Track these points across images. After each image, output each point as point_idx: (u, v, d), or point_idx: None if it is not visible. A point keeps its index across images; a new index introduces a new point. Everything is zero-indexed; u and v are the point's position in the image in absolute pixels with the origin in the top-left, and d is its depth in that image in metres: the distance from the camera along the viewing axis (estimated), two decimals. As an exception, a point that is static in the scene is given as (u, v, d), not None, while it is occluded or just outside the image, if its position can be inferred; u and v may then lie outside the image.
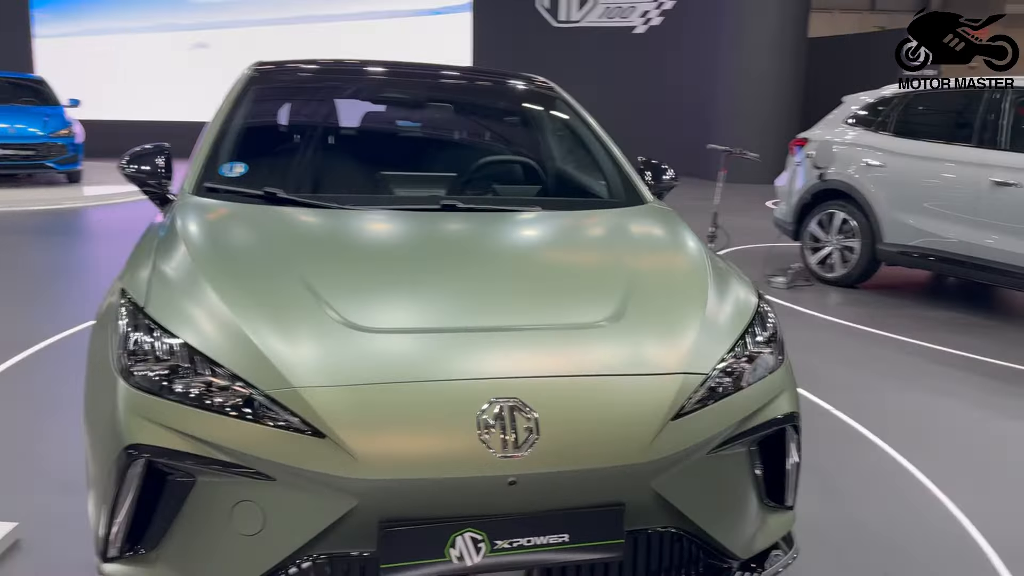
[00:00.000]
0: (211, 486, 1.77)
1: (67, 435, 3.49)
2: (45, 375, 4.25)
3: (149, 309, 1.97)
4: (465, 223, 2.67)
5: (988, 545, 2.86)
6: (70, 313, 5.27)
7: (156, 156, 2.90)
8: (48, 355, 4.53)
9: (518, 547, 1.80)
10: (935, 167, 6.25)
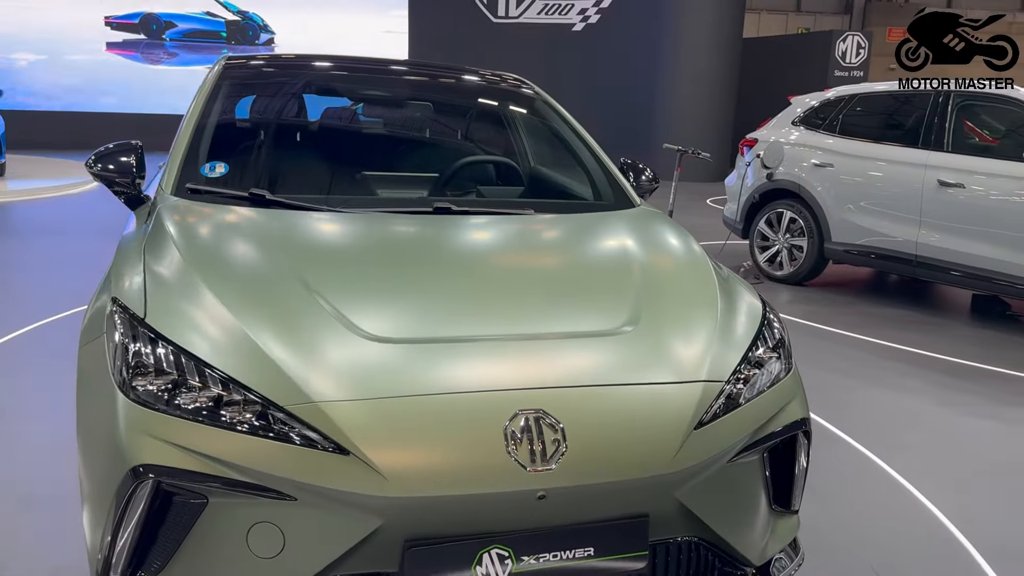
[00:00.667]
0: (225, 507, 1.68)
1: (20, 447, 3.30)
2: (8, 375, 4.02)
3: (149, 319, 1.85)
4: (464, 226, 2.60)
5: (964, 537, 2.94)
6: (11, 315, 5.00)
7: (126, 154, 2.74)
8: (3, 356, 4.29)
9: (544, 563, 1.75)
10: (881, 168, 6.42)
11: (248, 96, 3.37)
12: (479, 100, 3.79)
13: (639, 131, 15.94)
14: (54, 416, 3.61)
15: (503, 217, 2.72)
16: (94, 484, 1.83)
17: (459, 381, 1.82)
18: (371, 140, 3.56)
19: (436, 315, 2.04)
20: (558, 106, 3.45)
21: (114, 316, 1.91)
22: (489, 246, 2.56)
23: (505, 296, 2.18)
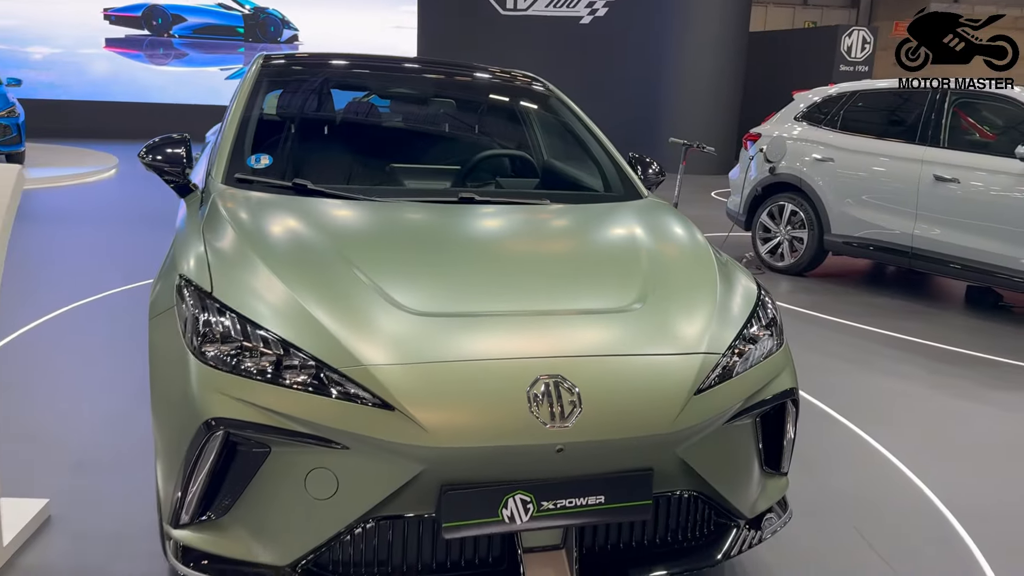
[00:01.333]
0: (286, 455, 1.93)
1: (62, 417, 3.57)
2: (36, 358, 4.28)
3: (216, 293, 2.11)
4: (485, 215, 2.85)
5: (942, 504, 3.20)
6: (46, 298, 5.27)
7: (175, 146, 2.99)
8: (33, 338, 4.55)
9: (561, 508, 2.01)
10: (880, 162, 6.66)
11: (285, 91, 3.62)
12: (497, 97, 4.04)
13: (646, 124, 16.16)
14: (94, 389, 3.88)
15: (522, 206, 2.97)
16: (168, 440, 2.08)
17: (488, 350, 2.07)
18: (399, 134, 3.81)
19: (466, 293, 2.30)
20: (571, 103, 3.70)
21: (183, 291, 2.17)
22: (510, 232, 2.81)
23: (527, 277, 2.43)
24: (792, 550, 2.79)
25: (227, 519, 2.00)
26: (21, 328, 4.68)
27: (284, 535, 1.97)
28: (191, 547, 2.02)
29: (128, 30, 18.09)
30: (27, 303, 5.14)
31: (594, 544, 2.16)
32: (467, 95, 4.03)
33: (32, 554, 2.55)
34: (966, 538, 2.97)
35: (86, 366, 4.19)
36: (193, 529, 2.02)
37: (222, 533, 2.01)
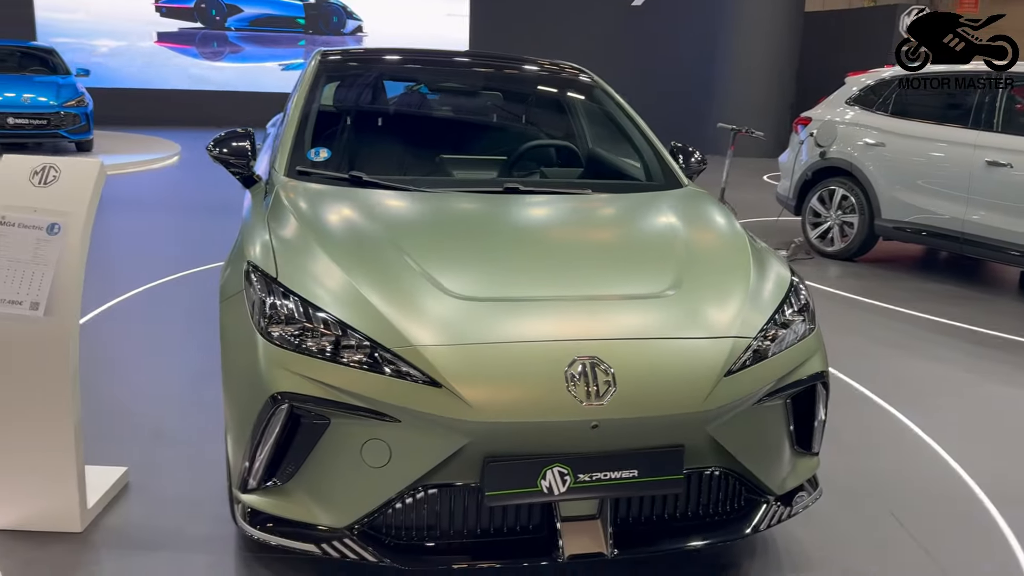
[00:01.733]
0: (344, 426, 2.12)
1: (143, 391, 3.83)
2: (112, 338, 4.57)
3: (281, 278, 2.30)
4: (528, 204, 3.00)
5: (979, 488, 3.26)
6: (119, 280, 5.57)
7: (240, 140, 3.19)
8: (109, 318, 4.85)
9: (596, 480, 2.16)
10: (931, 147, 6.61)
11: (341, 86, 3.81)
12: (543, 88, 4.18)
13: (699, 107, 16.08)
14: (165, 366, 4.15)
15: (564, 196, 3.11)
16: (237, 413, 2.28)
17: (528, 332, 2.23)
18: (448, 126, 3.97)
19: (509, 278, 2.45)
20: (614, 93, 3.82)
21: (251, 276, 2.37)
22: (553, 221, 2.96)
23: (567, 264, 2.58)
24: (826, 529, 2.90)
25: (291, 485, 2.20)
26: (98, 308, 4.98)
27: (342, 500, 2.15)
28: (258, 510, 2.23)
29: (181, 23, 17.91)
30: (102, 285, 5.46)
31: (628, 515, 2.31)
32: (514, 87, 4.17)
33: (113, 516, 2.79)
34: (1001, 523, 3.03)
35: (158, 345, 4.46)
36: (260, 494, 2.22)
37: (286, 498, 2.20)
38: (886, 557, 2.76)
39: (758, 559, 2.70)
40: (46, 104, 11.57)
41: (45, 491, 2.64)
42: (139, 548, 2.62)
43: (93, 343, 4.42)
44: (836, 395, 4.12)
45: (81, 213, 2.59)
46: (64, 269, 2.55)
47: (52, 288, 2.53)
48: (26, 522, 2.66)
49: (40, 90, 11.77)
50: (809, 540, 2.82)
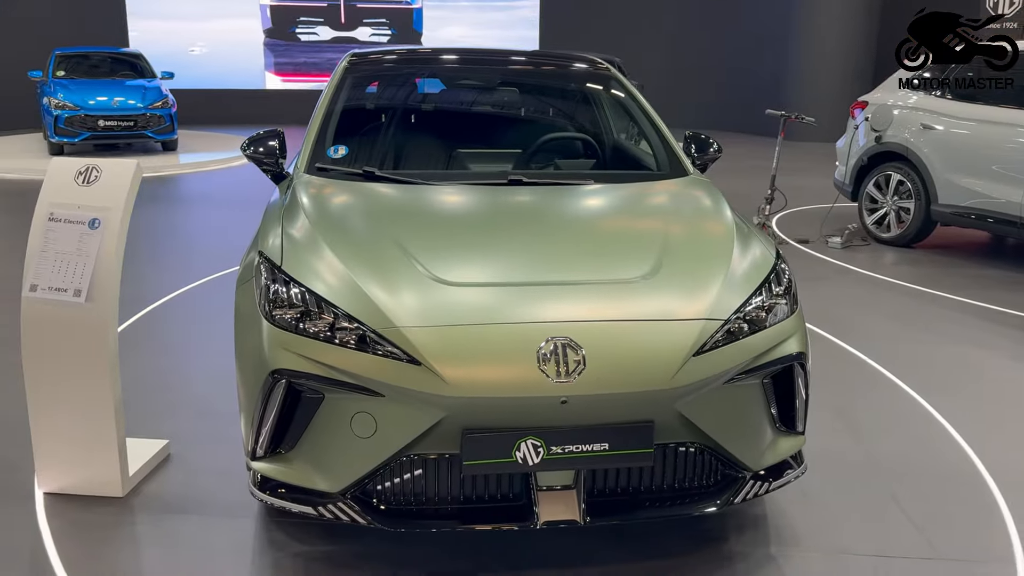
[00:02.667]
0: (335, 401, 2.33)
1: (194, 372, 4.15)
2: (172, 324, 4.93)
3: (284, 267, 2.53)
4: (528, 196, 3.16)
5: (988, 473, 3.26)
6: (185, 272, 5.97)
7: (271, 139, 3.44)
8: (169, 309, 5.22)
9: (568, 452, 2.31)
10: (988, 130, 6.45)
11: (367, 87, 4.04)
12: (562, 82, 4.32)
13: (772, 89, 15.81)
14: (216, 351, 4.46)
15: (564, 187, 3.26)
16: (246, 387, 2.52)
17: (504, 315, 2.39)
18: (468, 121, 4.15)
19: (493, 265, 2.63)
20: (630, 86, 3.93)
21: (260, 265, 2.60)
22: (547, 212, 3.10)
23: (552, 251, 2.73)
24: (820, 508, 2.97)
25: (293, 454, 2.42)
26: (170, 294, 5.38)
27: (336, 467, 2.37)
28: (267, 477, 2.46)
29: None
30: (175, 274, 5.86)
31: (605, 487, 2.45)
32: (532, 81, 4.32)
33: (153, 483, 3.08)
34: (1003, 508, 3.03)
35: (213, 332, 4.79)
36: (267, 461, 2.46)
37: (290, 465, 2.43)
38: (877, 536, 2.82)
39: (747, 533, 2.80)
40: (133, 107, 12.26)
41: (90, 459, 2.95)
42: (173, 512, 2.90)
43: (159, 327, 4.79)
44: (858, 380, 4.17)
45: (119, 209, 2.87)
46: (103, 260, 2.84)
47: (93, 277, 2.83)
48: (73, 487, 2.97)
49: (128, 93, 12.48)
50: (801, 517, 2.91)
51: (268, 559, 2.64)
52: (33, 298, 2.85)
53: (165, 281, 5.73)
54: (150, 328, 4.84)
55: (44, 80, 12.88)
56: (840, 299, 5.64)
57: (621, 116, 4.00)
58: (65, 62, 13.29)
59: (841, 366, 4.36)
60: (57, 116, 11.80)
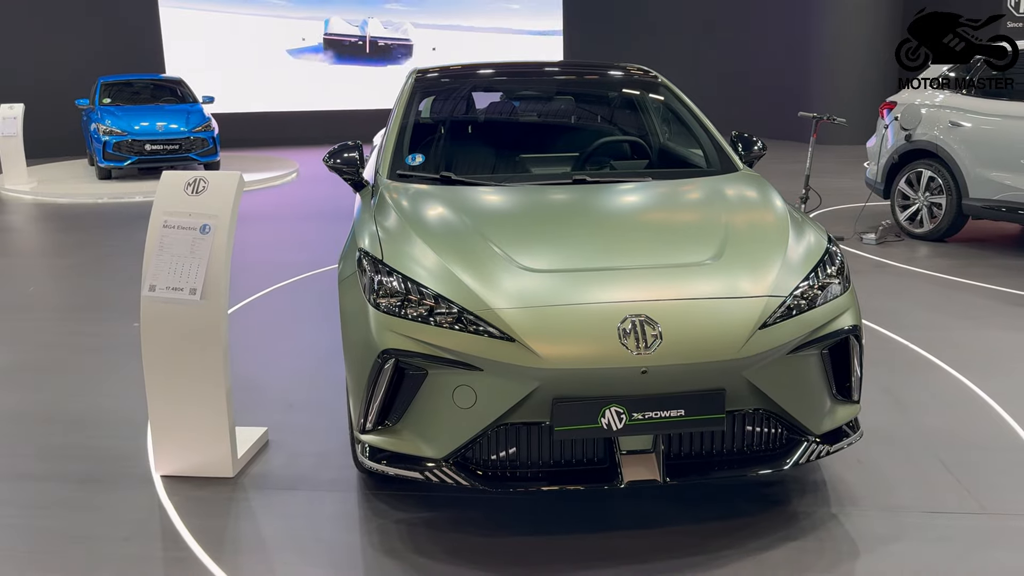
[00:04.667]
0: (439, 375, 2.61)
1: (273, 371, 4.46)
2: (248, 329, 5.26)
3: (385, 259, 2.83)
4: (594, 192, 3.45)
5: (1031, 441, 3.48)
6: (252, 282, 6.30)
7: (350, 152, 3.74)
8: (245, 313, 5.54)
9: (648, 419, 2.57)
10: (1016, 124, 6.64)
11: (434, 99, 4.35)
12: (613, 90, 4.62)
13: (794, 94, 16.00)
14: (293, 352, 4.77)
15: (625, 184, 3.54)
16: (356, 371, 2.80)
17: (586, 296, 2.67)
18: (527, 129, 4.45)
19: (573, 254, 2.91)
20: (678, 91, 4.21)
21: (362, 260, 2.90)
22: (613, 205, 3.39)
23: (623, 239, 3.01)
24: (874, 473, 3.20)
25: (400, 425, 2.71)
26: (236, 304, 5.69)
27: (440, 436, 2.65)
28: (376, 448, 2.75)
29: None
30: (236, 287, 6.18)
31: (680, 451, 2.72)
32: (586, 90, 4.63)
33: (258, 465, 3.38)
34: (1049, 471, 3.25)
35: (288, 334, 5.11)
36: (376, 434, 2.74)
37: (397, 436, 2.72)
38: (929, 496, 3.05)
39: (807, 495, 3.05)
40: (177, 131, 12.70)
41: (204, 444, 3.25)
42: (280, 488, 3.20)
43: (233, 332, 5.09)
44: (905, 364, 4.40)
45: (226, 215, 3.19)
46: (214, 261, 3.15)
47: (206, 277, 3.14)
48: (189, 469, 3.28)
49: (171, 118, 12.92)
50: (856, 482, 3.14)
51: (374, 525, 2.93)
52: (152, 297, 3.16)
53: (231, 293, 6.04)
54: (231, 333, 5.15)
55: (91, 107, 13.37)
56: (879, 291, 5.85)
57: (669, 119, 4.27)
58: (110, 90, 13.79)
59: (886, 351, 4.58)
60: (106, 142, 12.26)
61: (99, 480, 3.31)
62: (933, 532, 2.83)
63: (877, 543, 2.77)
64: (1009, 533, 2.83)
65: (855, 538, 2.81)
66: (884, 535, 2.81)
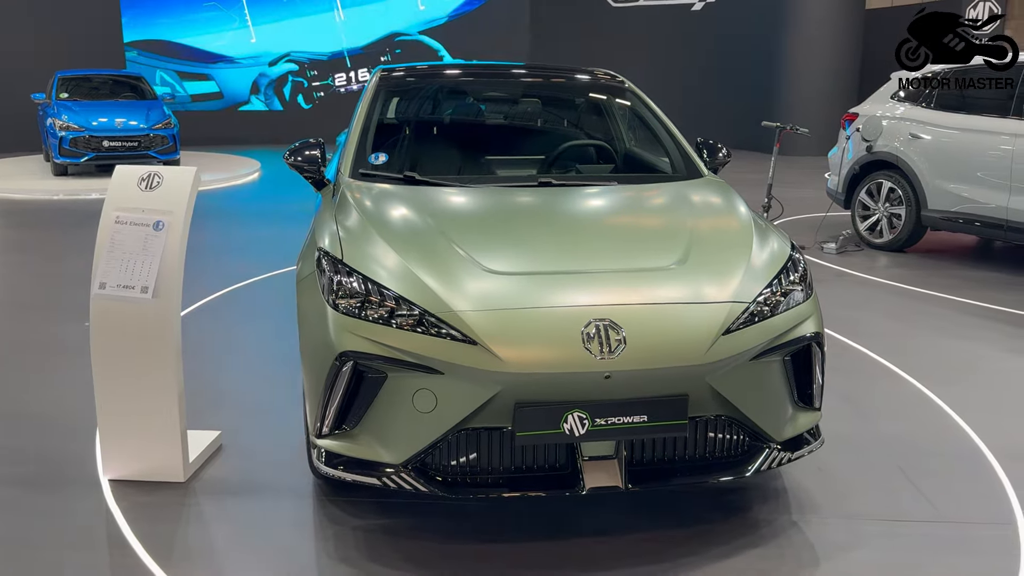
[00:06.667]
0: (398, 379, 2.55)
1: (230, 373, 4.36)
2: (204, 330, 5.14)
3: (345, 259, 2.76)
4: (559, 195, 3.41)
5: (988, 450, 3.51)
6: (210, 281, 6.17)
7: (311, 149, 3.66)
8: (200, 315, 5.42)
9: (611, 424, 2.54)
10: (974, 138, 6.76)
11: (398, 99, 4.29)
12: (580, 94, 4.60)
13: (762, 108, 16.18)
14: (251, 353, 4.67)
15: (591, 188, 3.51)
16: (313, 374, 2.72)
17: (550, 299, 2.63)
18: (493, 131, 4.41)
19: (537, 256, 2.87)
20: (644, 96, 4.19)
21: (322, 260, 2.83)
22: (577, 209, 3.35)
23: (588, 243, 2.98)
24: (835, 481, 3.20)
25: (357, 430, 2.64)
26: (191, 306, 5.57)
27: (398, 441, 2.58)
28: (333, 452, 2.68)
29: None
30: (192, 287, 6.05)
31: (643, 457, 2.68)
32: (552, 93, 4.59)
33: (211, 469, 3.28)
34: (1003, 478, 3.27)
35: (245, 335, 5.00)
36: (333, 439, 2.67)
37: (354, 440, 2.65)
38: (888, 504, 3.06)
39: (769, 502, 3.03)
40: (136, 127, 12.46)
41: (154, 447, 3.15)
42: (233, 494, 3.11)
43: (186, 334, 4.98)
44: (865, 372, 4.42)
45: (181, 212, 3.10)
46: (168, 259, 3.06)
47: (158, 275, 3.04)
48: (138, 473, 3.17)
49: (131, 114, 12.68)
50: (817, 489, 3.14)
51: (329, 532, 2.85)
52: (102, 295, 3.06)
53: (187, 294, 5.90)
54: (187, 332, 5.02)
55: (47, 102, 13.07)
56: (839, 300, 5.90)
57: (633, 124, 4.26)
58: (67, 84, 13.49)
59: (846, 359, 4.61)
60: (62, 137, 11.99)
61: (44, 484, 3.20)
62: (892, 540, 2.83)
63: (837, 551, 2.77)
64: (968, 541, 2.84)
65: (815, 546, 2.80)
66: (844, 543, 2.81)
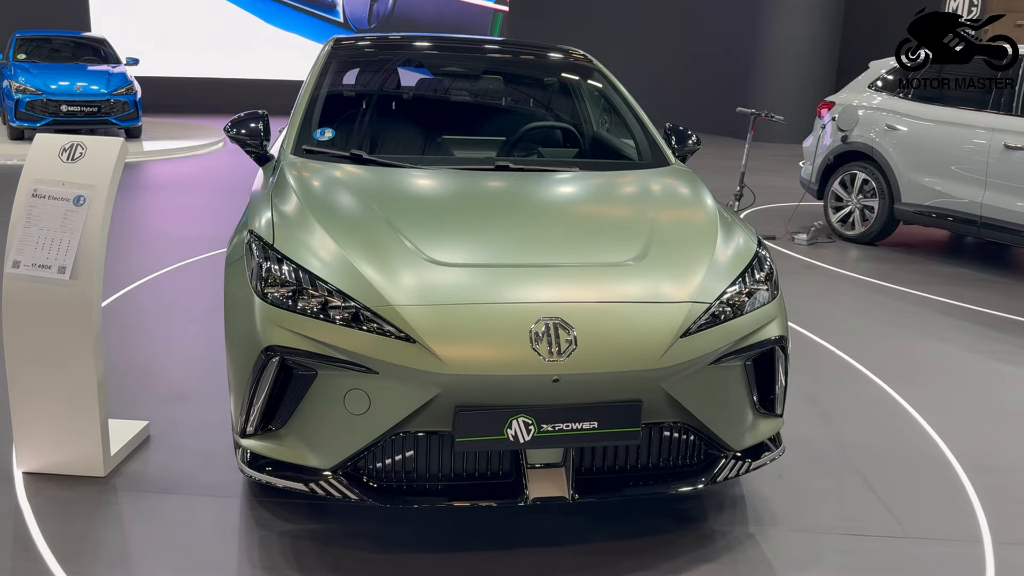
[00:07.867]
0: (329, 378, 2.35)
1: (167, 357, 4.12)
2: (142, 310, 4.89)
3: (276, 245, 2.54)
4: (517, 181, 3.20)
5: (953, 457, 3.38)
6: (157, 257, 5.91)
7: (254, 121, 3.42)
8: (144, 291, 5.17)
9: (559, 430, 2.35)
10: (950, 131, 6.63)
11: (351, 71, 4.04)
12: (547, 72, 4.36)
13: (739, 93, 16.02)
14: (191, 336, 4.44)
15: (550, 173, 3.30)
16: (237, 366, 2.51)
17: (497, 295, 2.43)
18: (452, 108, 4.17)
19: (485, 247, 2.66)
20: (613, 78, 3.98)
21: (251, 244, 2.60)
22: (534, 197, 3.15)
23: (542, 234, 2.78)
24: (796, 490, 3.05)
25: (284, 430, 2.43)
26: (137, 281, 5.31)
27: (328, 444, 2.38)
28: (257, 454, 2.47)
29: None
30: (140, 261, 5.79)
31: (592, 465, 2.50)
32: (516, 70, 4.36)
33: (134, 463, 3.06)
34: (968, 488, 3.14)
35: (187, 316, 4.76)
36: (258, 439, 2.47)
37: (281, 442, 2.44)
38: (850, 516, 2.91)
39: (725, 512, 2.88)
40: (97, 92, 12.01)
41: (72, 439, 2.92)
42: (155, 491, 2.90)
43: (127, 314, 4.74)
44: (830, 371, 4.28)
45: (104, 186, 2.85)
46: (88, 237, 2.81)
47: (77, 255, 2.80)
48: (54, 466, 2.95)
49: (92, 78, 12.22)
50: (776, 498, 2.99)
51: (255, 537, 2.65)
52: (16, 275, 2.82)
53: (134, 267, 5.66)
54: (120, 313, 4.78)
55: (4, 63, 12.58)
56: (808, 293, 5.76)
57: (601, 107, 4.05)
58: (26, 45, 12.98)
59: (810, 357, 4.47)
60: (18, 100, 11.54)
61: (-50, 476, 2.97)
62: (852, 556, 2.68)
63: (794, 567, 2.62)
64: (932, 559, 2.70)
65: (772, 560, 2.65)
66: (802, 558, 2.66)
